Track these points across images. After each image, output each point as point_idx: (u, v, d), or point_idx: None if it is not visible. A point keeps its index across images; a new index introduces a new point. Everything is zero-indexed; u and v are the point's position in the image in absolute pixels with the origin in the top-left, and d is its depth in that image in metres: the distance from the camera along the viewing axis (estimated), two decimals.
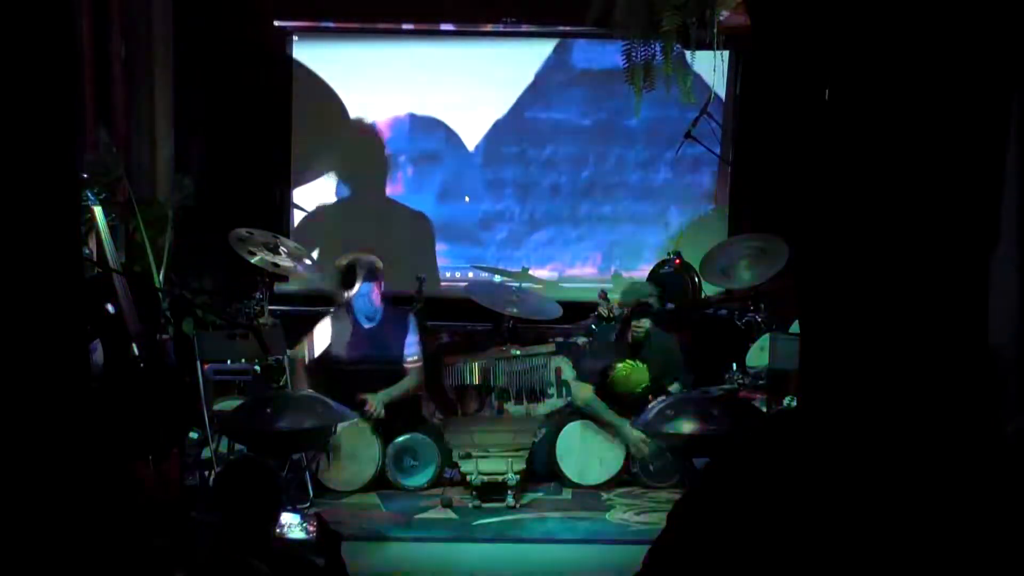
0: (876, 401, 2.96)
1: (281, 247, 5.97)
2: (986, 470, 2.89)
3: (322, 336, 5.90)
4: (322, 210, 7.65)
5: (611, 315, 6.34)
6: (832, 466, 2.56)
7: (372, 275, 5.81)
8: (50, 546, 3.04)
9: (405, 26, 7.53)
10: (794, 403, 5.45)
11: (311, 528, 3.36)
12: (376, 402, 5.62)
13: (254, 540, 3.12)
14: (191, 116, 7.29)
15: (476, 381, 6.27)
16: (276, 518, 3.28)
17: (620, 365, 5.81)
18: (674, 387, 5.76)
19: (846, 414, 3.00)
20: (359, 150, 7.65)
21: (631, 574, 2.60)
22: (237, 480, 3.22)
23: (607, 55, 6.83)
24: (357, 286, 5.78)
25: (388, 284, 6.05)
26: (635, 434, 5.59)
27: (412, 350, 5.91)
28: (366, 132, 7.60)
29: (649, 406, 5.23)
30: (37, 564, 3.02)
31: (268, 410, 4.98)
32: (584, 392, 5.83)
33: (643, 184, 7.62)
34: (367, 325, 5.89)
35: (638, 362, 5.81)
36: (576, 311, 6.63)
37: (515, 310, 6.16)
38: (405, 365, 5.88)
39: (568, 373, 6.16)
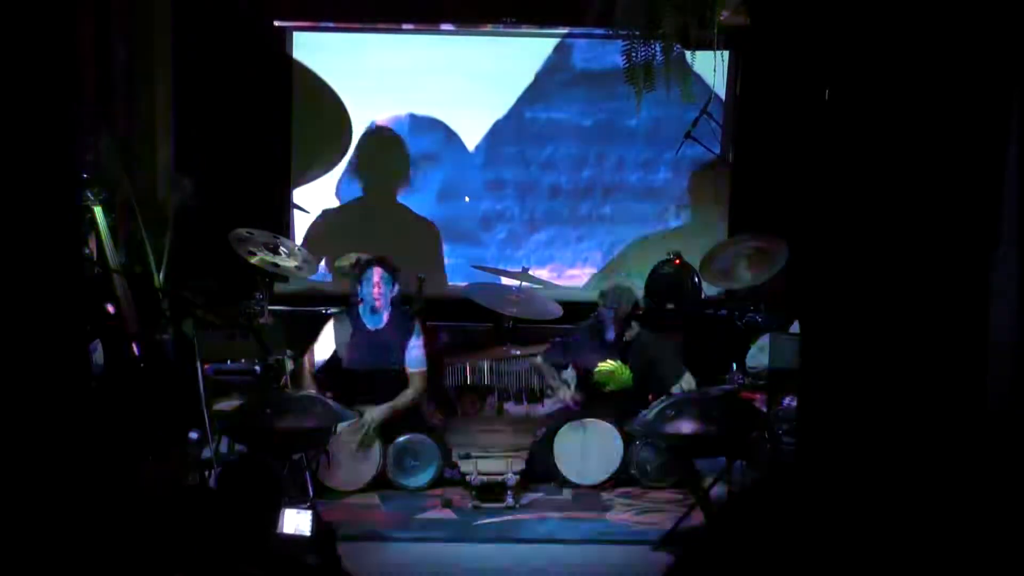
0: (876, 401, 2.96)
1: (281, 247, 5.97)
2: (985, 469, 2.89)
3: (326, 341, 5.88)
4: (321, 210, 7.64)
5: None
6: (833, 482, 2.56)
7: (381, 264, 5.83)
8: (49, 545, 3.04)
9: (405, 26, 7.53)
10: (794, 403, 5.45)
11: (312, 525, 3.35)
12: (369, 420, 5.61)
13: (253, 540, 3.12)
14: (191, 116, 7.28)
15: (476, 381, 6.27)
16: (276, 518, 3.28)
17: (603, 364, 5.84)
18: (676, 387, 5.75)
19: (846, 415, 2.99)
20: (359, 150, 7.64)
21: (631, 574, 2.60)
22: (237, 480, 3.22)
23: (607, 55, 6.83)
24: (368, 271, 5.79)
25: None
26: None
27: (415, 354, 5.85)
28: (366, 132, 7.60)
29: (651, 406, 5.22)
30: (36, 563, 3.02)
31: (268, 410, 4.98)
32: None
33: (643, 184, 7.62)
34: (370, 326, 5.86)
35: (619, 362, 5.84)
36: (576, 311, 6.63)
37: (515, 310, 6.15)
38: (409, 372, 5.85)
39: (568, 373, 6.15)
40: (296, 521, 3.31)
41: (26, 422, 3.03)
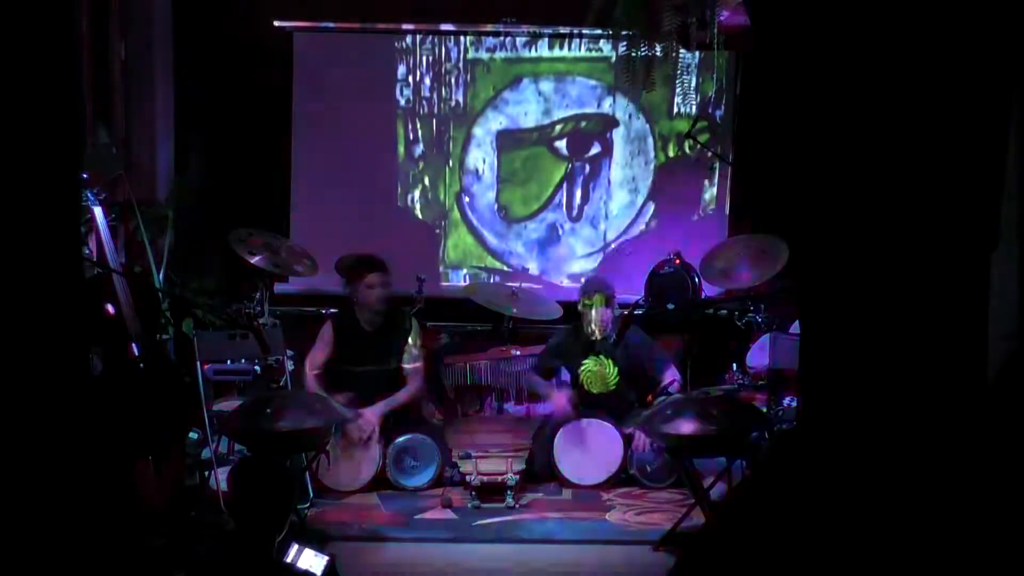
0: (876, 401, 2.96)
1: (281, 247, 5.97)
2: (984, 467, 2.89)
3: (324, 343, 5.86)
4: (322, 210, 7.64)
5: None
6: (836, 473, 2.55)
7: (371, 264, 5.82)
8: (50, 546, 3.04)
9: (405, 26, 7.54)
10: (794, 403, 5.45)
11: (324, 570, 3.34)
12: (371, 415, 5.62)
13: (264, 542, 3.12)
14: (191, 116, 7.29)
15: (476, 381, 6.26)
16: (287, 521, 3.29)
17: (585, 362, 5.84)
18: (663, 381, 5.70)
19: (846, 415, 2.99)
20: (359, 150, 7.64)
21: (631, 574, 2.60)
22: (253, 481, 3.21)
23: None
24: (367, 276, 5.76)
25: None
26: None
27: (413, 354, 5.86)
28: (366, 132, 7.60)
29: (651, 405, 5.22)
30: (37, 564, 3.02)
31: (268, 410, 4.97)
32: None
33: (642, 184, 7.61)
34: (367, 327, 5.85)
35: (602, 357, 5.83)
36: (576, 311, 6.63)
37: (515, 310, 6.15)
38: (405, 368, 5.85)
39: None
40: (311, 561, 3.30)
41: (26, 423, 3.03)
